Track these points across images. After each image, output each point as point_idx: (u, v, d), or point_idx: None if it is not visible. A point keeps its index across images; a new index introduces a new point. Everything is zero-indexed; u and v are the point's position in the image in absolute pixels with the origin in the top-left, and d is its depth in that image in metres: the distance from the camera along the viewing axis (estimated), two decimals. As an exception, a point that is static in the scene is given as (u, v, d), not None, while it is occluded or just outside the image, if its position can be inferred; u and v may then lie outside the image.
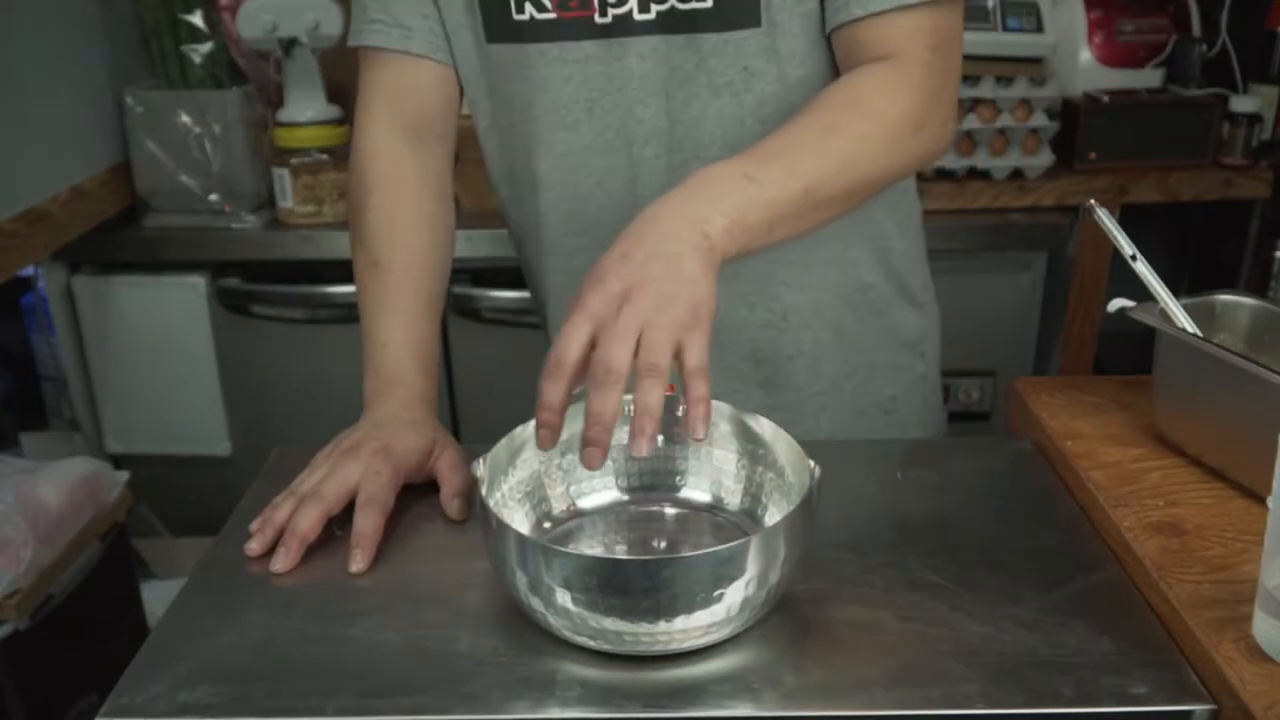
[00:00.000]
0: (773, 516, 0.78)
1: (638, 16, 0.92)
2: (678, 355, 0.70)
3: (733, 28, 0.92)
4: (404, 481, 0.85)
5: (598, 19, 0.92)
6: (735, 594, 0.66)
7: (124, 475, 1.65)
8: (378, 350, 0.94)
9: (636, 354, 0.69)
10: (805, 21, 0.92)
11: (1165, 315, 0.87)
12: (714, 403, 0.80)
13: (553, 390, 0.70)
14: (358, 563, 0.78)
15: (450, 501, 0.85)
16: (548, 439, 0.71)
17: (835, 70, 0.97)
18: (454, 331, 1.94)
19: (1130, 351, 1.36)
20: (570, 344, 0.70)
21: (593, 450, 0.69)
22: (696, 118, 0.95)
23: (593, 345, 0.70)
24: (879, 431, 1.09)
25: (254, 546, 0.80)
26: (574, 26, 0.93)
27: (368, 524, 0.80)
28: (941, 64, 0.90)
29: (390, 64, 1.01)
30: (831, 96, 0.87)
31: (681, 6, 0.91)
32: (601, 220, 1.00)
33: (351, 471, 0.83)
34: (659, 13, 0.91)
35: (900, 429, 1.11)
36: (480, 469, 0.74)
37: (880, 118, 0.86)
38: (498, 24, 0.96)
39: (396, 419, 0.89)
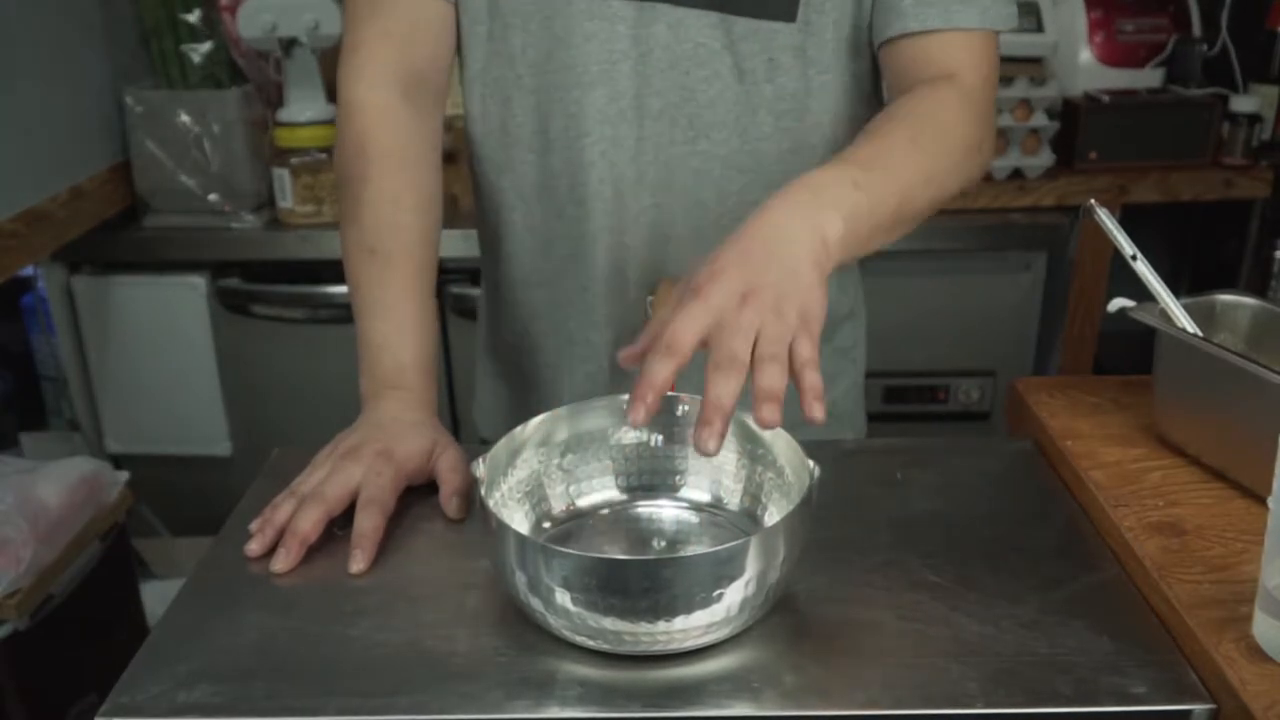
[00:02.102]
0: (772, 516, 0.78)
1: None
2: (789, 351, 0.69)
3: (767, 17, 0.91)
4: (405, 483, 0.85)
5: None
6: (735, 594, 0.66)
7: (124, 475, 1.66)
8: (373, 350, 0.92)
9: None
10: (837, 29, 0.93)
11: (1165, 315, 0.87)
12: None
13: (662, 369, 0.67)
14: (358, 563, 0.78)
15: (449, 501, 0.85)
16: (642, 414, 0.67)
17: (857, 82, 0.97)
18: (454, 331, 1.94)
19: (1130, 351, 1.36)
20: (688, 329, 0.68)
21: (711, 431, 0.65)
22: (714, 99, 0.94)
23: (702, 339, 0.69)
24: (814, 435, 1.09)
25: (254, 547, 0.80)
26: None
27: (368, 524, 0.80)
28: (993, 89, 0.93)
29: (395, 1, 0.94)
30: (907, 111, 0.87)
31: None
32: (601, 194, 0.97)
33: (353, 473, 0.83)
34: None
35: (834, 434, 1.11)
36: (480, 469, 0.74)
37: (952, 136, 0.87)
38: None
39: (397, 421, 0.88)
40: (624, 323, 1.02)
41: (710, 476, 0.82)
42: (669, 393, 0.78)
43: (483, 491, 0.71)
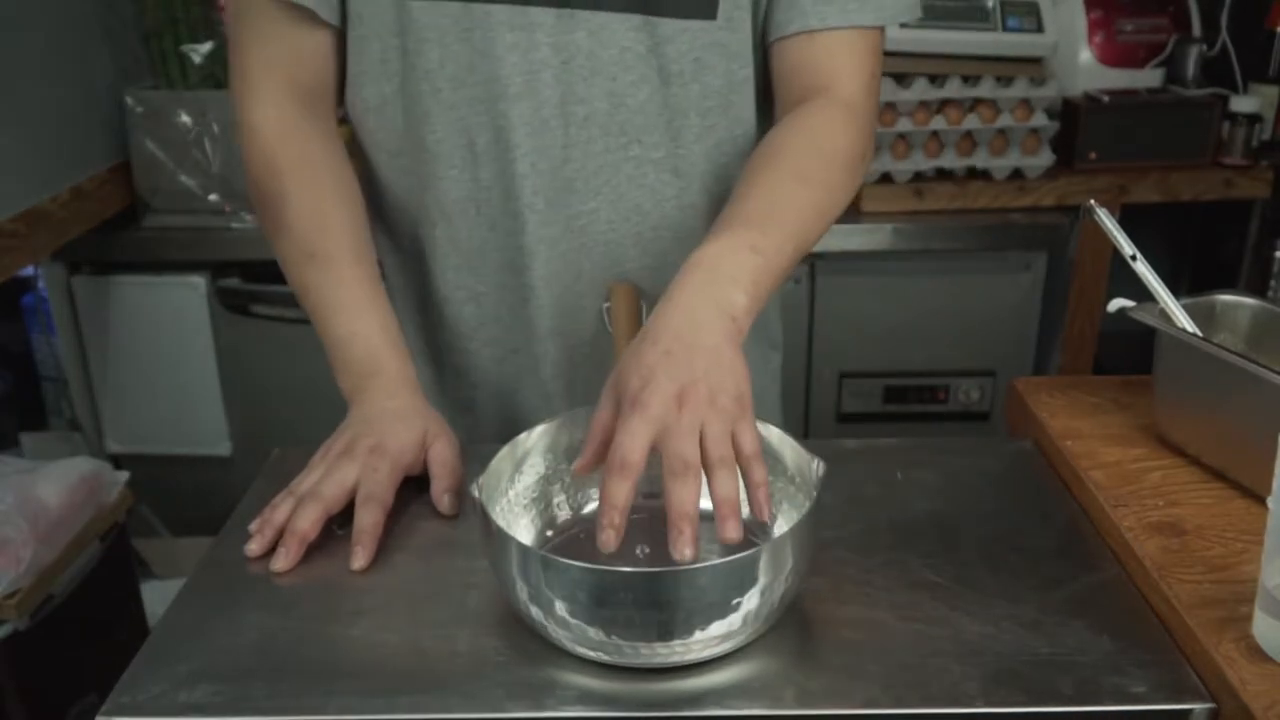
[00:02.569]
0: (780, 524, 0.78)
1: None
2: (732, 442, 0.72)
3: (689, 16, 0.91)
4: (402, 476, 0.85)
5: None
6: (747, 605, 0.65)
7: (124, 475, 1.65)
8: (343, 346, 0.91)
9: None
10: (753, 24, 0.94)
11: (1165, 315, 0.87)
12: None
13: (621, 490, 0.69)
14: (359, 559, 0.78)
15: (441, 498, 0.85)
16: (613, 540, 0.68)
17: (769, 78, 0.97)
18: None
19: (1130, 351, 1.36)
20: (636, 444, 0.69)
21: (684, 539, 0.66)
22: (643, 104, 0.94)
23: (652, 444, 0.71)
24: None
25: (254, 548, 0.80)
26: None
27: (368, 520, 0.80)
28: (876, 91, 0.95)
29: (281, 26, 0.93)
30: (791, 142, 0.90)
31: None
32: (534, 205, 0.96)
33: (349, 471, 0.83)
34: None
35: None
36: (477, 491, 0.72)
37: (836, 158, 0.90)
38: None
39: (385, 412, 0.88)
40: (572, 333, 1.02)
41: None
42: None
43: (481, 498, 0.71)
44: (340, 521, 0.82)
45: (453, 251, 1.01)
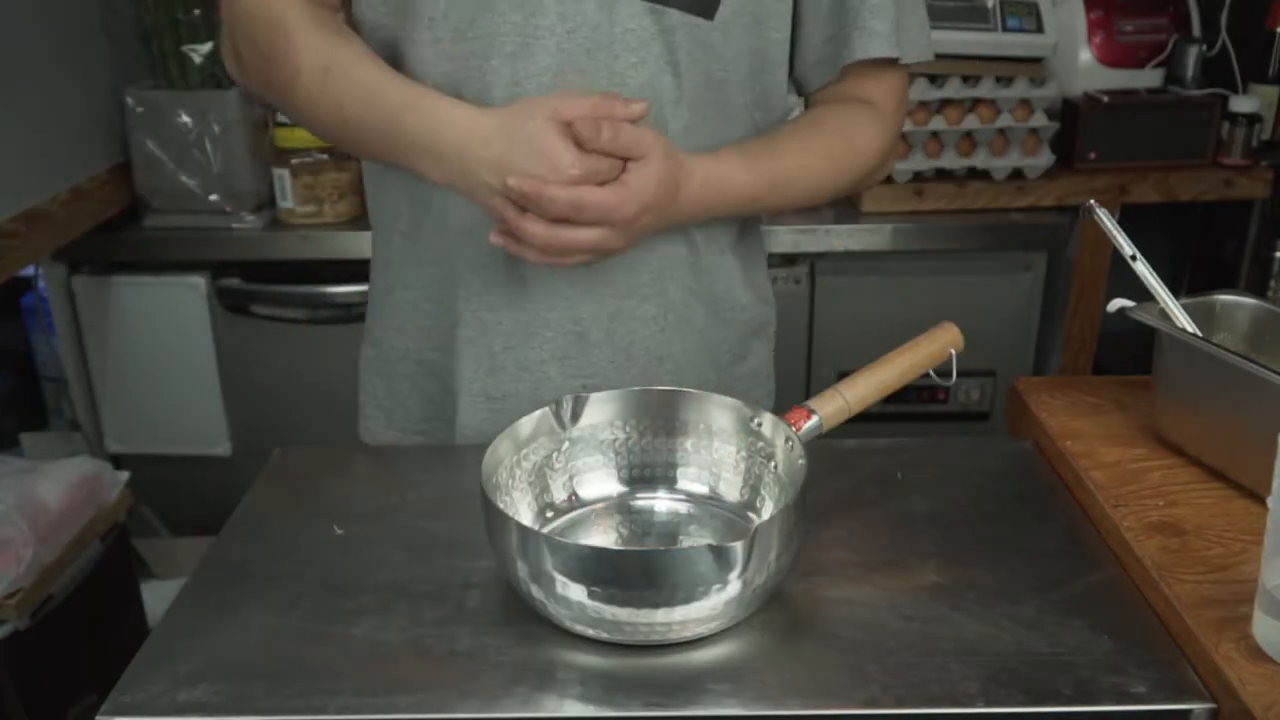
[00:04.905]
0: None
1: None
2: None
3: (691, 11, 0.91)
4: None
5: None
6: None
7: (124, 475, 1.66)
8: (410, 112, 0.86)
9: None
10: (746, 34, 0.94)
11: (1165, 315, 0.87)
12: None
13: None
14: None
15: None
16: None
17: (762, 93, 0.98)
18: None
19: (1130, 351, 1.36)
20: None
21: None
22: (639, 89, 0.91)
23: None
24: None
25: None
26: None
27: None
28: (902, 122, 1.04)
29: None
30: (828, 121, 0.97)
31: None
32: None
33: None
34: None
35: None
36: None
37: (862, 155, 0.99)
38: None
39: (487, 116, 0.85)
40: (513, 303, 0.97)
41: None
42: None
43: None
44: (341, 523, 0.82)
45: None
